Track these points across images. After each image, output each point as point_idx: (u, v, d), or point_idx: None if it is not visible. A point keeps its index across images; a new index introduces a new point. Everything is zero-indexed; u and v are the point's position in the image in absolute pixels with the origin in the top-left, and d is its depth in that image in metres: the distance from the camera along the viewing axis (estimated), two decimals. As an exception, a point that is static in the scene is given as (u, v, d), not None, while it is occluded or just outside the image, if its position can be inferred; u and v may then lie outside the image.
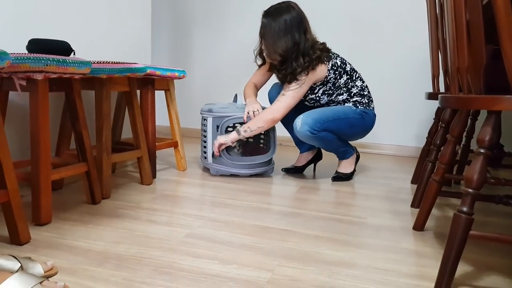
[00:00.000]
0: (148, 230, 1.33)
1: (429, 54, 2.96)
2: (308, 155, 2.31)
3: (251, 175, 2.15)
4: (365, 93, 2.10)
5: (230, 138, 2.03)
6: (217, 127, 2.08)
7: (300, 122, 1.95)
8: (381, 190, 2.00)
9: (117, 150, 1.93)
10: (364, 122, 2.07)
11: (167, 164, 2.35)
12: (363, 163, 2.72)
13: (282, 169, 2.31)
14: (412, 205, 1.73)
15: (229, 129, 2.21)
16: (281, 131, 3.36)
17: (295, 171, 2.29)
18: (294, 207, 1.66)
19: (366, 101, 2.08)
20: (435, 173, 1.39)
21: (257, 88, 2.22)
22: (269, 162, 2.18)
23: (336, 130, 2.01)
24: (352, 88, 2.07)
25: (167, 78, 2.05)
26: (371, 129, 2.12)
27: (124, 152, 1.79)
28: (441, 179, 1.38)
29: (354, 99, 2.07)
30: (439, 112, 1.99)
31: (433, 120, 2.05)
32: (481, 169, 1.00)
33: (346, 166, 2.19)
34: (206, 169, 2.28)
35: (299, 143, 2.29)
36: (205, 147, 2.16)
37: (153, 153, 1.98)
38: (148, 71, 1.90)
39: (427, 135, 2.06)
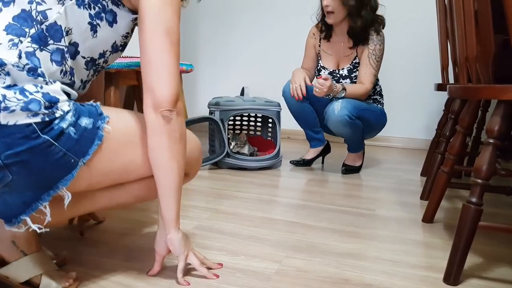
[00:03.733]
0: (156, 221, 1.34)
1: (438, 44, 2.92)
2: (317, 149, 2.30)
3: (259, 168, 2.15)
4: (382, 93, 2.15)
5: (336, 88, 1.95)
6: (222, 120, 2.08)
7: (339, 106, 1.91)
8: (390, 182, 1.99)
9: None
10: (384, 120, 2.11)
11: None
12: (372, 155, 2.71)
13: (290, 161, 2.29)
14: (422, 197, 1.72)
15: (230, 122, 2.21)
16: (288, 125, 3.35)
17: (303, 164, 2.27)
18: (302, 199, 1.66)
19: (383, 102, 2.15)
20: (444, 165, 1.38)
21: (308, 73, 2.15)
22: (277, 155, 2.18)
23: (367, 120, 2.01)
24: (376, 86, 2.10)
25: (174, 72, 2.05)
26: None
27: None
28: (451, 170, 1.37)
29: (374, 97, 2.11)
30: (448, 103, 1.97)
31: (443, 112, 2.02)
32: (490, 159, 0.99)
33: (355, 159, 2.18)
34: (214, 163, 2.28)
35: (311, 138, 2.27)
36: (212, 140, 2.17)
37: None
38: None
39: (436, 127, 2.04)
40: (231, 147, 2.14)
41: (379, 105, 2.11)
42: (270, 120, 2.38)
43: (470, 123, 1.32)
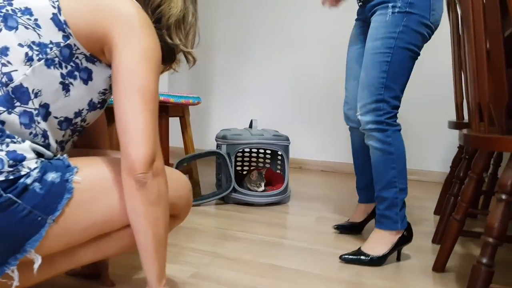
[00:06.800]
0: (154, 268, 1.29)
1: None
2: (368, 207, 1.69)
3: (266, 204, 2.09)
4: None
5: None
6: (228, 154, 2.04)
7: (358, 104, 1.41)
8: (402, 221, 1.91)
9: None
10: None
11: (183, 190, 2.33)
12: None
13: (334, 226, 1.73)
14: (433, 241, 1.63)
15: (239, 154, 2.15)
16: (300, 154, 3.31)
17: (351, 229, 1.71)
18: (309, 241, 1.59)
19: None
20: (456, 212, 1.31)
21: None
22: (285, 190, 2.12)
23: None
24: None
25: (181, 105, 2.04)
26: None
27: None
28: (463, 218, 1.29)
29: None
30: (463, 140, 1.89)
31: (457, 149, 1.94)
32: (503, 216, 0.93)
33: (376, 243, 1.40)
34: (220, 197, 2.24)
35: (362, 184, 1.67)
36: (219, 174, 2.13)
37: (167, 181, 1.96)
38: (162, 98, 1.90)
39: (451, 164, 1.96)
40: (249, 187, 2.10)
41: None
42: (279, 152, 2.34)
43: (483, 169, 1.25)
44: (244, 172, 2.43)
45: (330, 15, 3.06)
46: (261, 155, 2.44)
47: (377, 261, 1.38)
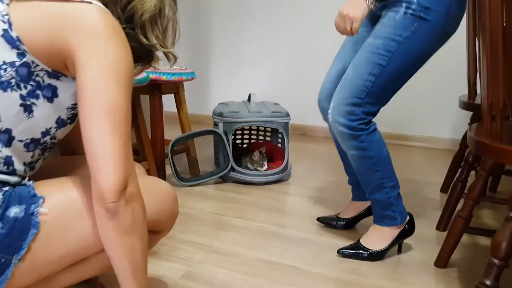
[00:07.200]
0: (145, 267, 1.25)
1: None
2: (359, 205, 1.54)
3: (266, 183, 2.03)
4: None
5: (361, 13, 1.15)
6: (226, 133, 1.95)
7: (333, 102, 1.25)
8: (406, 202, 1.82)
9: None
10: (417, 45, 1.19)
11: (181, 166, 2.27)
12: (391, 159, 2.53)
13: (317, 218, 1.59)
14: (437, 227, 1.57)
15: (238, 135, 2.06)
16: (303, 120, 3.21)
17: (336, 224, 1.55)
18: (306, 231, 1.54)
19: None
20: (462, 209, 1.23)
21: None
22: (285, 168, 2.05)
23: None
24: None
25: (174, 82, 1.93)
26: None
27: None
28: (469, 216, 1.22)
29: None
30: (475, 117, 1.77)
31: (468, 123, 1.82)
32: (511, 237, 0.84)
33: (376, 238, 1.34)
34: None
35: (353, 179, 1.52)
36: (217, 152, 2.06)
37: (162, 164, 1.90)
38: (153, 76, 1.79)
39: (461, 140, 1.84)
40: (249, 166, 2.03)
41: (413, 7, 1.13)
42: (280, 130, 2.24)
43: (493, 167, 1.15)
44: (245, 145, 2.36)
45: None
46: (261, 131, 2.35)
47: (377, 256, 1.33)
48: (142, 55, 0.87)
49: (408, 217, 1.35)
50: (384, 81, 1.18)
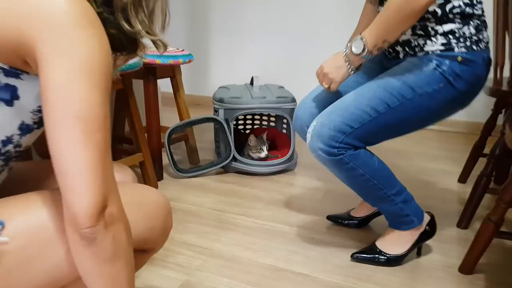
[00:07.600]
0: (139, 275, 1.14)
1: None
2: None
3: (270, 173, 1.89)
4: (473, 12, 1.06)
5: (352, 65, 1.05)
6: (227, 120, 1.81)
7: (313, 126, 1.11)
8: (421, 195, 1.67)
9: (117, 152, 1.73)
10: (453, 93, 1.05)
11: (179, 155, 2.13)
12: (400, 146, 2.39)
13: (327, 217, 1.47)
14: (458, 225, 1.44)
15: (240, 121, 1.92)
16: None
17: (348, 223, 1.43)
18: (315, 230, 1.41)
19: (474, 39, 1.03)
20: (493, 212, 1.09)
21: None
22: (291, 157, 1.91)
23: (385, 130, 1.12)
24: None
25: (170, 66, 1.77)
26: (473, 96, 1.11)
27: (123, 157, 1.59)
28: (500, 220, 1.08)
29: (444, 29, 1.04)
30: (499, 104, 1.61)
31: (491, 112, 1.66)
32: None
33: (394, 241, 1.21)
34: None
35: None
36: (217, 141, 1.92)
37: (159, 154, 1.76)
38: (147, 59, 1.63)
39: (482, 129, 1.69)
40: (250, 154, 1.88)
41: (456, 52, 1.01)
42: (285, 116, 2.08)
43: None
44: (247, 131, 2.21)
45: None
46: (265, 115, 2.20)
47: (395, 261, 1.21)
48: (125, 44, 0.72)
49: (427, 217, 1.22)
50: (384, 122, 1.06)
